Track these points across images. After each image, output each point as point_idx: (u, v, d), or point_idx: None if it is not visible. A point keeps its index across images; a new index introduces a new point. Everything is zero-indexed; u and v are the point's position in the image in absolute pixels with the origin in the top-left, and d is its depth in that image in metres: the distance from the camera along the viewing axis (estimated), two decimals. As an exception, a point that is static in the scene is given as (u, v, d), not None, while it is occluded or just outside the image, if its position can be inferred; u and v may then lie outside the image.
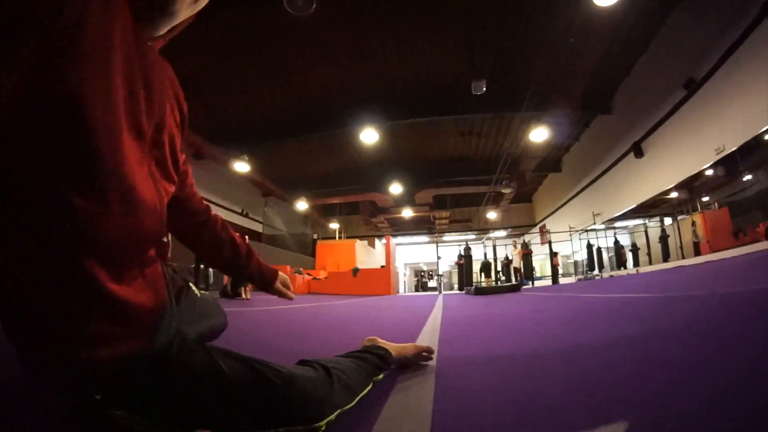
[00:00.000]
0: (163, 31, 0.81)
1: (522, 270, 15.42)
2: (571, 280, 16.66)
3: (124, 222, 0.70)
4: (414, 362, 1.51)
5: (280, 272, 1.34)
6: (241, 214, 17.63)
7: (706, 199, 12.22)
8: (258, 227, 18.66)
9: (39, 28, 0.56)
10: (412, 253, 28.18)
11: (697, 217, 12.11)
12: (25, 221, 0.62)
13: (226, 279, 8.09)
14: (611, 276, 13.78)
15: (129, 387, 0.73)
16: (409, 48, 9.88)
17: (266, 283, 1.30)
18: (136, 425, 0.73)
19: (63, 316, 0.65)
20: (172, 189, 0.88)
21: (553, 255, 15.62)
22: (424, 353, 1.54)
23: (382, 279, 13.05)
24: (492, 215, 20.87)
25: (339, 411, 0.91)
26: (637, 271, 13.28)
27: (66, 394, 0.74)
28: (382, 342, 1.46)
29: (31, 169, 0.60)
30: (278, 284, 1.33)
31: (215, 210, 1.20)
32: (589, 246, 15.91)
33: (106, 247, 0.68)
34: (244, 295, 7.64)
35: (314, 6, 6.63)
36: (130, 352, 0.73)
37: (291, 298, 1.39)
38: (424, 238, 27.53)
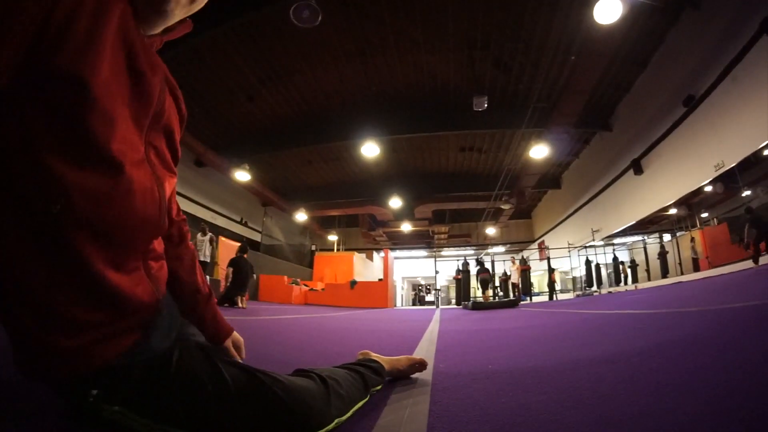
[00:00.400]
0: (158, 30, 0.82)
1: (520, 286, 15.39)
2: (570, 296, 16.61)
3: (119, 203, 0.70)
4: (407, 374, 1.50)
5: (234, 332, 1.13)
6: (240, 222, 17.61)
7: (705, 215, 12.23)
8: (257, 236, 18.63)
9: (35, 12, 0.58)
10: (410, 266, 28.13)
11: (696, 234, 12.10)
12: (15, 197, 0.62)
13: (222, 286, 8.05)
14: (610, 292, 13.74)
15: (126, 384, 0.73)
16: (412, 61, 9.97)
17: (217, 338, 1.06)
18: (134, 423, 0.73)
19: (51, 297, 0.65)
20: (173, 180, 0.89)
21: (551, 271, 15.59)
22: (416, 365, 1.53)
23: (379, 292, 12.98)
24: (491, 231, 20.87)
25: (337, 421, 0.91)
26: (635, 287, 13.24)
27: (61, 390, 0.74)
28: (375, 355, 1.44)
29: (22, 145, 0.61)
30: (228, 343, 1.09)
31: (212, 217, 1.13)
32: (588, 262, 15.89)
33: (101, 228, 0.68)
34: (240, 304, 7.59)
35: (320, 18, 6.67)
36: (125, 346, 0.73)
37: None
38: (423, 253, 27.48)
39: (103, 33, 0.65)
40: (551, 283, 15.41)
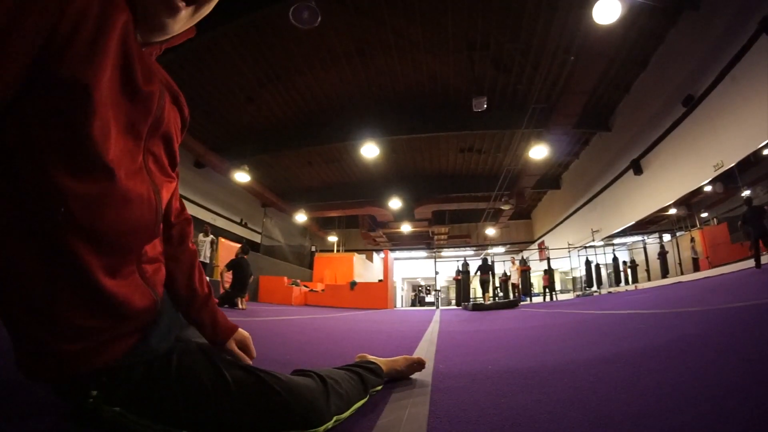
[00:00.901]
0: (157, 39, 0.82)
1: (520, 286, 15.38)
2: (570, 296, 16.61)
3: (116, 211, 0.70)
4: (406, 374, 1.51)
5: (239, 329, 1.07)
6: (240, 224, 17.59)
7: (705, 215, 12.23)
8: (257, 238, 18.62)
9: (42, 24, 0.58)
10: (410, 267, 28.12)
11: (696, 233, 12.10)
12: (13, 205, 0.63)
13: (222, 289, 8.03)
14: (609, 292, 13.74)
15: (126, 386, 0.74)
16: (412, 61, 9.98)
17: (218, 339, 1.01)
18: (134, 423, 0.74)
19: (51, 304, 0.66)
20: (171, 185, 0.90)
21: (545, 272, 15.57)
22: (414, 364, 1.53)
23: (379, 293, 12.97)
24: (491, 231, 20.86)
25: (336, 419, 0.92)
26: (635, 287, 13.24)
27: (62, 392, 0.75)
28: (372, 357, 1.44)
29: (26, 154, 0.61)
30: (232, 344, 1.03)
31: (212, 218, 1.12)
32: (588, 262, 15.88)
33: (99, 235, 0.68)
34: (240, 305, 7.58)
35: (319, 19, 6.67)
36: (125, 348, 0.75)
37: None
38: (423, 253, 27.48)
39: (106, 43, 0.65)
40: (547, 285, 15.42)
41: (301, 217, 18.09)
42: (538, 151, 11.88)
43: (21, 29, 0.56)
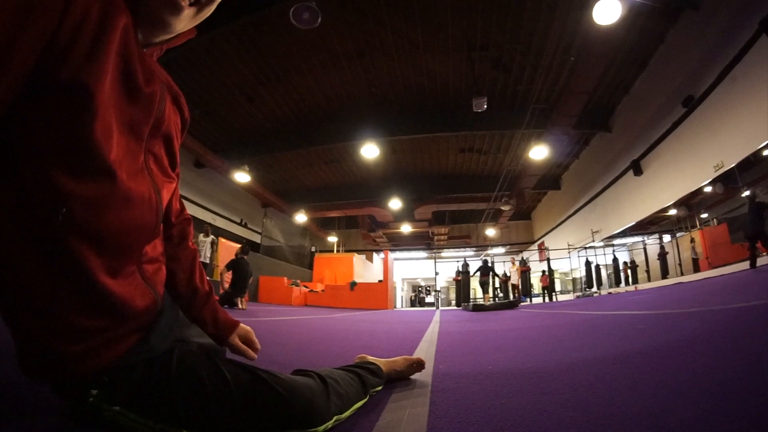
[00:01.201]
0: (159, 39, 0.82)
1: (520, 287, 15.37)
2: (570, 297, 16.60)
3: (118, 212, 0.71)
4: (406, 375, 1.50)
5: (241, 325, 1.09)
6: (240, 224, 17.58)
7: (705, 215, 12.21)
8: (257, 238, 18.61)
9: (44, 28, 0.58)
10: (409, 268, 28.11)
11: (696, 234, 12.09)
12: (15, 206, 0.63)
13: (221, 289, 8.02)
14: (609, 293, 13.73)
15: (126, 385, 0.74)
16: (412, 62, 9.97)
17: (220, 335, 1.03)
18: (134, 423, 0.74)
19: (53, 305, 0.67)
20: (171, 185, 0.91)
21: (543, 273, 15.56)
22: (414, 365, 1.53)
23: (379, 293, 12.98)
24: (491, 232, 20.84)
25: (336, 419, 0.92)
26: (635, 288, 13.23)
27: (62, 391, 0.76)
28: (372, 358, 1.44)
29: (28, 156, 0.62)
30: (235, 339, 1.05)
31: (212, 219, 1.12)
32: (588, 263, 15.87)
33: (100, 236, 0.69)
34: (240, 305, 7.57)
35: (320, 20, 6.67)
36: (126, 347, 0.75)
37: (252, 358, 1.06)
38: (423, 254, 27.48)
39: (107, 46, 0.66)
40: (547, 286, 15.40)
41: (301, 218, 18.08)
42: (538, 152, 11.87)
43: (23, 32, 0.56)
